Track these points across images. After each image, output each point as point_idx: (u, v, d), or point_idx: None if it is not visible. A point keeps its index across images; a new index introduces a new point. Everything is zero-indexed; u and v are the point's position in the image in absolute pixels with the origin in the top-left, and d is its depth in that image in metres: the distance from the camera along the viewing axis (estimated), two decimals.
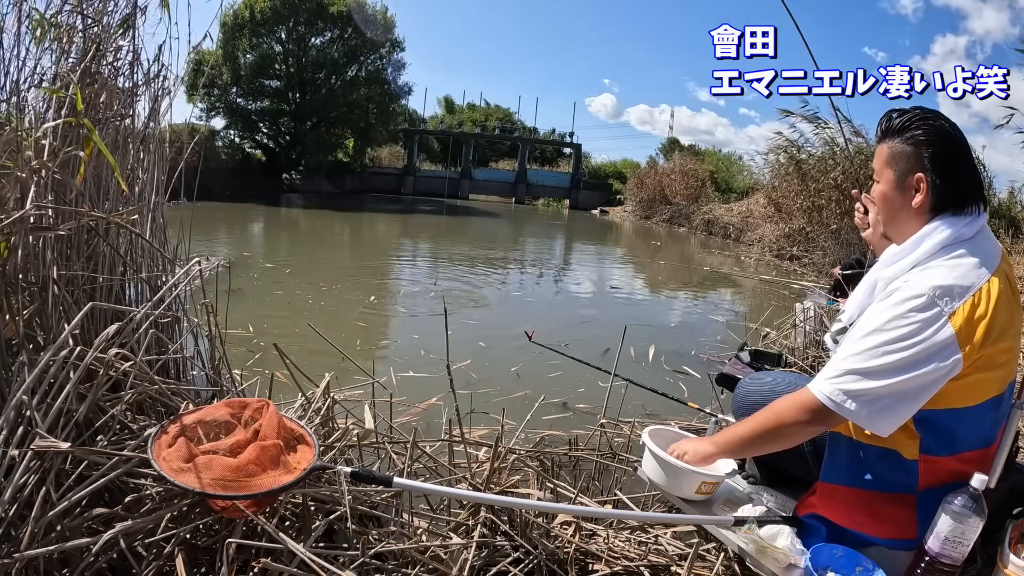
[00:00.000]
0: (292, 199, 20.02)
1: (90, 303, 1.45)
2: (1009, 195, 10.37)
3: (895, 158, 1.12)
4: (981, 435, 1.11)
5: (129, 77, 2.03)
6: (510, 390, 3.15)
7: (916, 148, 1.09)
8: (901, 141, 1.11)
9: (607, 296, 7.13)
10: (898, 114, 1.13)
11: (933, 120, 1.10)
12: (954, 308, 1.01)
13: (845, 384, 1.05)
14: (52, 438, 1.11)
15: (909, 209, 1.11)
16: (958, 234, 1.07)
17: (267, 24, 21.29)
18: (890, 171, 1.13)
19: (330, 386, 1.74)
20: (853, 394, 1.04)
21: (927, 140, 1.08)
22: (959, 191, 1.08)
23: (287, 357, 1.74)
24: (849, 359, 1.06)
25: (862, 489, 1.16)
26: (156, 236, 2.05)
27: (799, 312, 4.25)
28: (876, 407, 1.03)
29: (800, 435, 1.15)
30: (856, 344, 1.07)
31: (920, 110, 1.12)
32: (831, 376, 1.08)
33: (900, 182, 1.12)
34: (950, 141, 1.09)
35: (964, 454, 1.10)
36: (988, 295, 1.03)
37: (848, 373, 1.05)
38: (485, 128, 34.48)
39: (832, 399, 1.06)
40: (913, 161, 1.09)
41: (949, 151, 1.09)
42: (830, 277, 6.72)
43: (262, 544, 1.13)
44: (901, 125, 1.11)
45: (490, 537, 1.37)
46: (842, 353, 1.09)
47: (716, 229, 16.29)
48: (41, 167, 1.48)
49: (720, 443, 1.29)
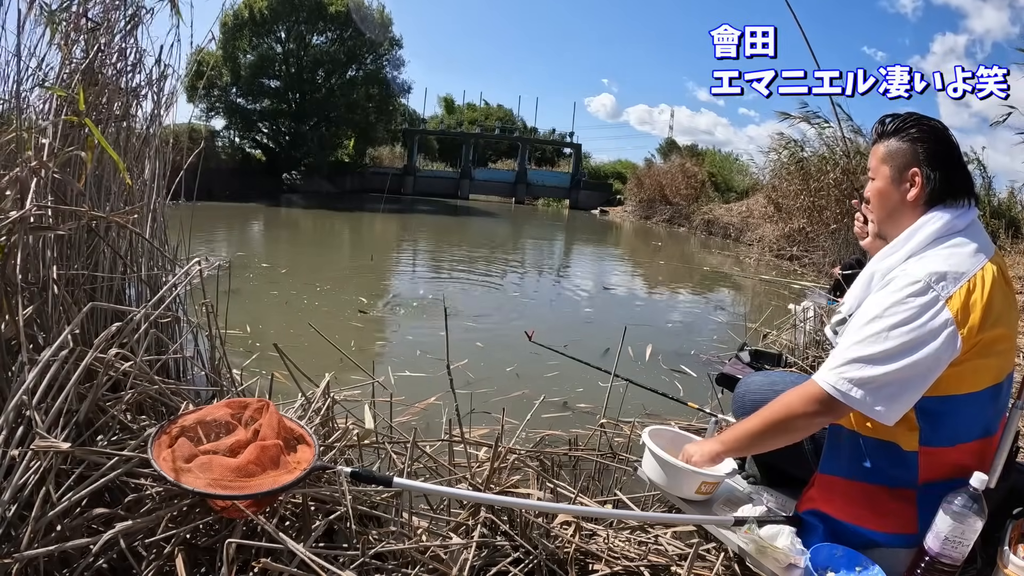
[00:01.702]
0: (292, 199, 20.00)
1: (90, 303, 1.45)
2: (1009, 195, 10.37)
3: (891, 155, 1.18)
4: (980, 425, 1.12)
5: (131, 79, 2.03)
6: (508, 389, 3.15)
7: (912, 145, 1.15)
8: (897, 139, 1.17)
9: (607, 296, 7.13)
10: (892, 117, 1.20)
11: (927, 121, 1.17)
12: (950, 292, 1.04)
13: (850, 372, 1.06)
14: (52, 438, 1.11)
15: (904, 203, 1.16)
16: (951, 225, 1.12)
17: (267, 24, 21.28)
18: (886, 167, 1.18)
19: (330, 386, 1.74)
20: (858, 382, 1.05)
21: (921, 137, 1.15)
22: (952, 185, 1.14)
23: (287, 357, 1.74)
24: (852, 348, 1.08)
25: (862, 482, 1.17)
26: (156, 236, 2.05)
27: (798, 312, 4.25)
28: (882, 395, 1.04)
29: (808, 427, 1.16)
30: (857, 333, 1.08)
31: (913, 113, 1.19)
32: (835, 366, 1.09)
33: (896, 177, 1.17)
34: (943, 139, 1.16)
35: (963, 445, 1.11)
36: (983, 281, 1.06)
37: (852, 361, 1.07)
38: (485, 128, 34.46)
39: (838, 388, 1.07)
40: (909, 156, 1.16)
41: (942, 148, 1.15)
42: (830, 277, 6.72)
43: (262, 544, 1.13)
44: (896, 126, 1.18)
45: (490, 537, 1.37)
46: (844, 343, 1.11)
47: (716, 229, 16.29)
48: (41, 167, 1.48)
49: (727, 441, 1.29)
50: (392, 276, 7.75)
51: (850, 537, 1.18)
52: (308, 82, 22.49)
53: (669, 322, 5.86)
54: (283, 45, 22.33)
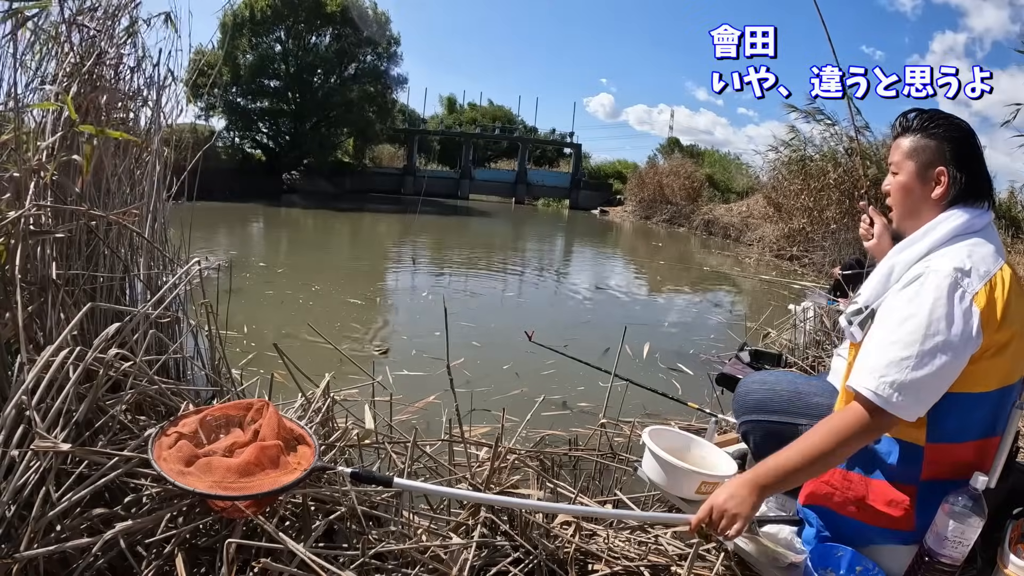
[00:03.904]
0: (292, 199, 20.00)
1: (90, 303, 1.45)
2: (1009, 195, 10.38)
3: (917, 151, 1.16)
4: (988, 424, 1.11)
5: (129, 81, 2.04)
6: (508, 388, 3.15)
7: (939, 143, 1.13)
8: (923, 135, 1.15)
9: (606, 296, 7.12)
10: (917, 112, 1.18)
11: (953, 119, 1.15)
12: (976, 289, 1.03)
13: (891, 375, 1.02)
14: (52, 438, 1.11)
15: (928, 201, 1.15)
16: (970, 224, 1.11)
17: (266, 24, 21.27)
18: (911, 163, 1.16)
19: (330, 386, 1.74)
20: (899, 386, 1.01)
21: (948, 136, 1.13)
22: (975, 186, 1.13)
23: (287, 357, 1.74)
24: (888, 349, 1.04)
25: (863, 475, 1.17)
26: (156, 236, 2.05)
27: (798, 312, 4.25)
28: (921, 397, 1.02)
29: (858, 445, 1.07)
30: (891, 333, 1.05)
31: (938, 110, 1.17)
32: (874, 369, 1.04)
33: (921, 174, 1.15)
34: (968, 138, 1.14)
35: (970, 443, 1.10)
36: (1003, 281, 1.06)
37: (891, 365, 1.02)
38: (485, 128, 34.44)
39: (879, 393, 1.02)
40: (935, 154, 1.14)
41: (968, 148, 1.14)
42: (830, 277, 6.73)
43: (262, 544, 1.13)
44: (922, 121, 1.16)
45: (490, 537, 1.37)
46: (878, 344, 1.06)
47: (716, 229, 16.30)
48: (40, 167, 1.48)
49: (766, 481, 1.08)
50: (392, 276, 7.75)
51: (847, 531, 1.18)
52: (307, 82, 22.47)
53: (669, 322, 5.86)
54: (283, 45, 22.32)
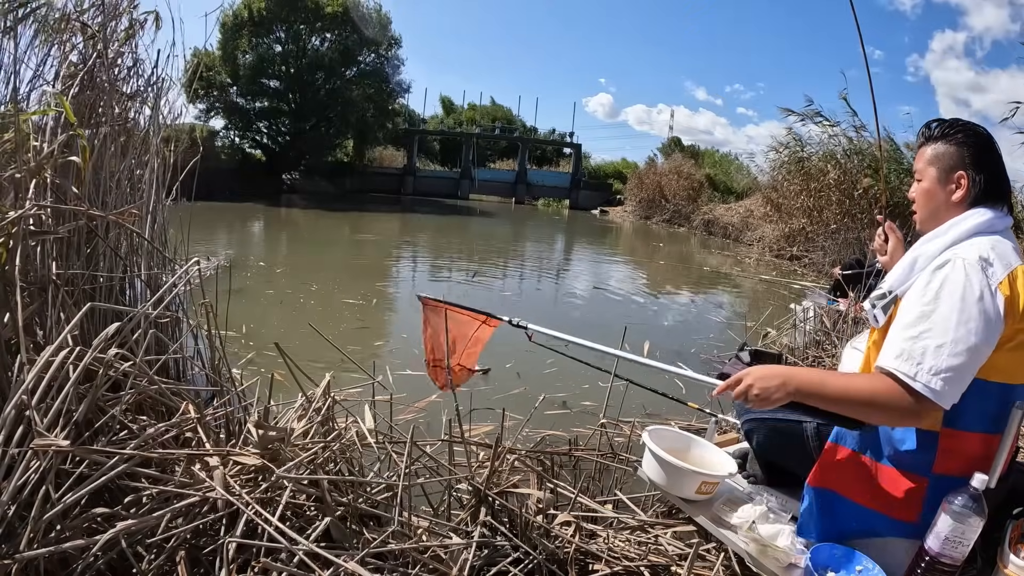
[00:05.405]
0: (292, 199, 19.98)
1: (89, 303, 1.45)
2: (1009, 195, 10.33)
3: (939, 157, 1.21)
4: (996, 418, 1.11)
5: (127, 82, 2.04)
6: (508, 387, 3.15)
7: (959, 148, 1.18)
8: (944, 142, 1.20)
9: (606, 296, 7.12)
10: (938, 122, 1.23)
11: (973, 126, 1.20)
12: (1000, 278, 1.07)
13: (930, 362, 1.02)
14: (52, 437, 1.11)
15: (949, 203, 1.19)
16: (991, 223, 1.15)
17: (266, 24, 21.25)
18: (933, 168, 1.21)
19: (330, 386, 1.74)
20: (942, 375, 1.02)
21: (967, 141, 1.18)
22: (995, 188, 1.17)
23: (288, 357, 1.74)
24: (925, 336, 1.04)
25: (874, 460, 1.18)
26: (156, 236, 2.05)
27: (798, 312, 4.25)
28: (962, 380, 1.03)
29: (883, 421, 1.11)
30: (924, 320, 1.06)
31: (958, 119, 1.22)
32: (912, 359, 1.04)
33: (943, 178, 1.20)
34: (987, 143, 1.19)
35: (979, 435, 1.11)
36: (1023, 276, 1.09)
37: (929, 353, 1.03)
38: (485, 128, 34.43)
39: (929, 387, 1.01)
40: (955, 159, 1.19)
41: (987, 153, 1.18)
42: (830, 277, 6.73)
43: (262, 544, 1.13)
44: (943, 131, 1.21)
45: (490, 537, 1.37)
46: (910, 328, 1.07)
47: (716, 229, 16.30)
48: (39, 168, 1.48)
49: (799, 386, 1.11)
50: (392, 275, 7.75)
51: (850, 516, 1.18)
52: (307, 82, 22.44)
53: (669, 322, 5.86)
54: (282, 45, 22.30)
